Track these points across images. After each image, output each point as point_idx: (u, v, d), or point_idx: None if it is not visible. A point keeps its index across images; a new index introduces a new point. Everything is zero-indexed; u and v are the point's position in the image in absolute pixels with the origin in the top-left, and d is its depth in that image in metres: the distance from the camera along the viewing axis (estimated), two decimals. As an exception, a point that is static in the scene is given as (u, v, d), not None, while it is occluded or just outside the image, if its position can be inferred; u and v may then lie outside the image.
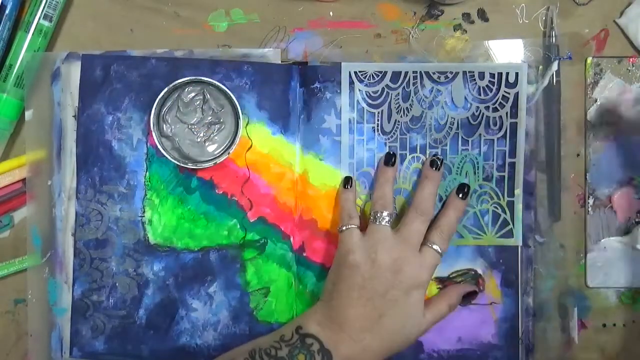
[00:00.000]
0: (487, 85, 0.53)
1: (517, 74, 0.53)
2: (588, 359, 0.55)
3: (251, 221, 0.54)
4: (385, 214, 0.50)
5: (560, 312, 0.55)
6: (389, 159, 0.53)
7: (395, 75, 0.53)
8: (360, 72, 0.54)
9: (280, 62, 0.54)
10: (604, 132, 0.54)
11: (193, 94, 0.53)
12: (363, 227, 0.51)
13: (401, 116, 0.54)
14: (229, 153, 0.52)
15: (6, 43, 0.54)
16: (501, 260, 0.54)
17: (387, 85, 0.54)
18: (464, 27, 0.55)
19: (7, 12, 0.53)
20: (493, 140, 0.53)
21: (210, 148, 0.53)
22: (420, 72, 0.53)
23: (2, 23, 0.53)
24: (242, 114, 0.52)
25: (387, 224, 0.50)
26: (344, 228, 0.50)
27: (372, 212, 0.51)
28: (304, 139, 0.54)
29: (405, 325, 0.48)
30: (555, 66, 0.53)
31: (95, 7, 0.55)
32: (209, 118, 0.53)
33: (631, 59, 0.54)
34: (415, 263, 0.48)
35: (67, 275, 0.54)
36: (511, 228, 0.53)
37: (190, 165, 0.52)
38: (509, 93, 0.53)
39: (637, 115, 0.52)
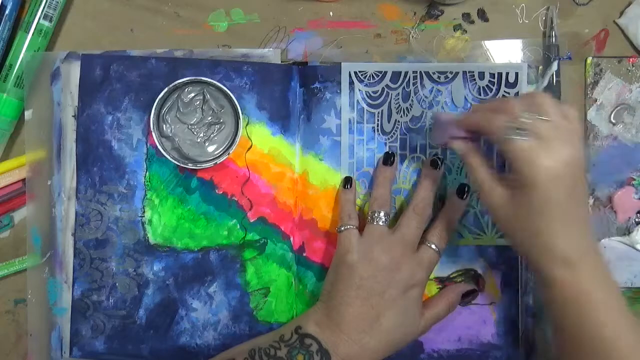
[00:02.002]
0: (487, 85, 0.53)
1: (517, 74, 0.53)
2: (588, 359, 0.55)
3: (251, 221, 0.54)
4: (382, 213, 0.50)
5: (560, 312, 0.55)
6: (388, 159, 0.53)
7: (395, 75, 0.53)
8: (360, 72, 0.54)
9: (280, 62, 0.54)
10: (604, 132, 0.54)
11: (193, 94, 0.53)
12: (362, 227, 0.51)
13: (401, 116, 0.54)
14: (229, 153, 0.52)
15: (6, 43, 0.54)
16: (501, 260, 0.54)
17: (387, 85, 0.54)
18: (464, 27, 0.55)
19: (7, 12, 0.53)
20: (493, 140, 0.53)
21: (210, 148, 0.53)
22: (420, 72, 0.53)
23: (2, 23, 0.53)
24: (242, 114, 0.52)
25: (384, 223, 0.50)
26: (342, 228, 0.50)
27: (369, 212, 0.51)
28: (304, 139, 0.54)
29: (403, 324, 0.48)
30: (555, 66, 0.53)
31: (95, 7, 0.55)
32: (209, 118, 0.53)
33: (631, 59, 0.54)
34: (413, 262, 0.48)
35: (67, 275, 0.54)
36: (511, 228, 0.53)
37: (190, 166, 0.52)
38: (509, 93, 0.53)
39: None
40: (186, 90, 0.52)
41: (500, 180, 0.45)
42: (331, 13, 0.55)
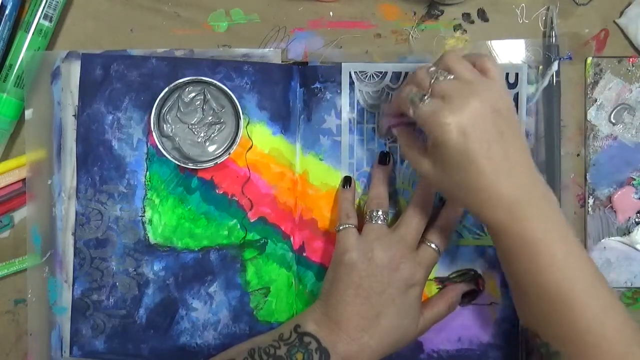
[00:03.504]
0: (487, 85, 0.53)
1: (517, 74, 0.53)
2: (588, 359, 0.55)
3: (251, 221, 0.54)
4: (380, 212, 0.50)
5: (560, 312, 0.54)
6: (384, 158, 0.53)
7: (396, 76, 0.53)
8: (360, 72, 0.54)
9: (280, 62, 0.54)
10: (604, 132, 0.54)
11: (193, 94, 0.53)
12: (361, 228, 0.51)
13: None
14: (229, 153, 0.52)
15: (6, 43, 0.54)
16: (501, 260, 0.54)
17: (387, 86, 0.54)
18: (464, 27, 0.55)
19: (7, 12, 0.53)
20: (493, 140, 0.53)
21: (211, 148, 0.53)
22: (421, 72, 0.53)
23: (2, 23, 0.53)
24: (243, 114, 0.52)
25: (382, 222, 0.50)
26: (341, 227, 0.50)
27: (367, 211, 0.51)
28: (304, 139, 0.54)
29: (402, 323, 0.48)
30: (555, 66, 0.53)
31: (95, 7, 0.55)
32: (210, 118, 0.53)
33: (631, 59, 0.54)
34: (412, 261, 0.48)
35: (67, 275, 0.54)
36: (511, 228, 0.53)
37: (190, 166, 0.52)
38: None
39: None
40: (187, 90, 0.53)
41: (425, 150, 0.46)
42: (331, 13, 0.55)
